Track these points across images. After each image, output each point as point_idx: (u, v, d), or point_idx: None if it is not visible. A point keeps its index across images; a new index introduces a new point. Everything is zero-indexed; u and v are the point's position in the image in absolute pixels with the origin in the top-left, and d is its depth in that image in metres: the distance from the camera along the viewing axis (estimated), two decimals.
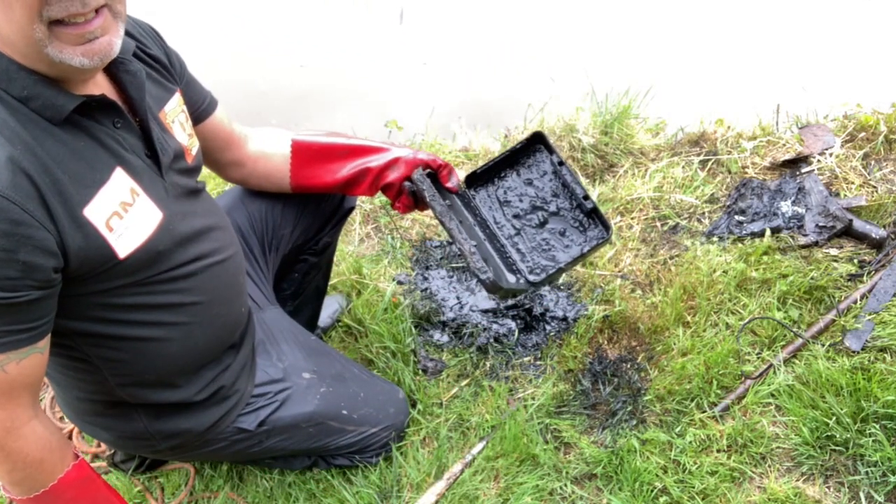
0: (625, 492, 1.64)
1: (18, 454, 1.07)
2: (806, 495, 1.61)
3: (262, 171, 1.54)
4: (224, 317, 1.36)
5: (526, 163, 1.62)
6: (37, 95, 0.97)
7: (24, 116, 0.97)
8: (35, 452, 1.09)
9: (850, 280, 2.02)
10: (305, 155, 1.53)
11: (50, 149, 0.98)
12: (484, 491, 1.67)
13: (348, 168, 1.52)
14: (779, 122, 2.55)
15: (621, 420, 1.80)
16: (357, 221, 2.40)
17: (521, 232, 1.61)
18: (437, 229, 2.36)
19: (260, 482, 1.73)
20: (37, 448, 1.09)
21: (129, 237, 1.08)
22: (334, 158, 1.53)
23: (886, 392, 1.68)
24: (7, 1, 0.88)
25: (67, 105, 0.99)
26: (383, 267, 2.24)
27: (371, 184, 1.53)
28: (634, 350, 1.98)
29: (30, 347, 1.02)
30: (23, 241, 0.93)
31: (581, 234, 1.59)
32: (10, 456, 1.06)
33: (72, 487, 1.16)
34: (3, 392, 1.02)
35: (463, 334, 2.05)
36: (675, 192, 2.34)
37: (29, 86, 0.96)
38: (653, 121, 2.62)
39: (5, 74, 0.95)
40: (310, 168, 1.54)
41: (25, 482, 1.11)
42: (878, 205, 2.18)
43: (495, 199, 1.62)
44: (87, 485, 1.20)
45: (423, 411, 1.83)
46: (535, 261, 1.59)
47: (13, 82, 0.95)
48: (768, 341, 1.90)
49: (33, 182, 0.94)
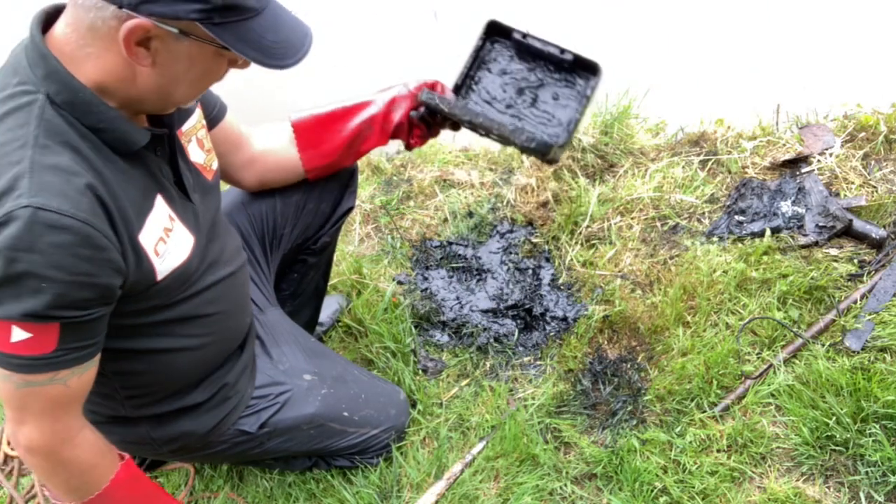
0: (625, 492, 1.64)
1: (75, 462, 1.11)
2: (806, 495, 1.61)
3: (272, 163, 1.53)
4: (235, 325, 1.38)
5: (492, 57, 1.59)
6: (113, 129, 1.01)
7: (93, 144, 1.00)
8: (89, 458, 1.13)
9: (850, 280, 2.02)
10: (308, 130, 1.53)
11: (115, 177, 1.02)
12: (484, 491, 1.67)
13: (353, 124, 1.52)
14: (779, 122, 2.55)
15: (621, 420, 1.80)
16: (357, 221, 2.40)
17: (520, 118, 1.58)
18: (437, 229, 2.36)
19: (260, 482, 1.73)
20: (90, 454, 1.13)
21: (168, 261, 1.13)
22: (336, 121, 1.53)
23: (886, 392, 1.68)
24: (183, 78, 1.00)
25: (141, 141, 1.05)
26: (383, 267, 2.24)
27: (381, 130, 1.53)
28: (634, 350, 1.98)
29: (89, 362, 1.05)
30: (103, 265, 0.98)
31: (572, 88, 1.56)
32: (68, 465, 1.10)
33: (122, 487, 1.19)
34: (62, 405, 1.06)
35: (463, 334, 2.05)
36: (675, 192, 2.34)
37: (107, 120, 1.00)
38: (653, 121, 2.62)
39: (85, 106, 0.98)
40: (316, 141, 1.53)
41: (82, 488, 1.14)
42: (878, 205, 2.17)
43: (483, 102, 1.60)
44: (135, 483, 1.24)
45: (423, 411, 1.83)
46: (547, 132, 1.56)
47: (89, 115, 0.99)
48: (768, 341, 1.90)
49: (107, 208, 0.98)
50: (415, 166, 2.59)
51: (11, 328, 0.94)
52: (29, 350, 0.96)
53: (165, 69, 0.98)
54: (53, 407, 1.04)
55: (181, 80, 1.01)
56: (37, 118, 0.95)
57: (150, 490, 1.28)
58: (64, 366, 1.01)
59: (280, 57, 0.99)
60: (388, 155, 2.70)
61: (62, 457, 1.09)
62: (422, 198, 2.46)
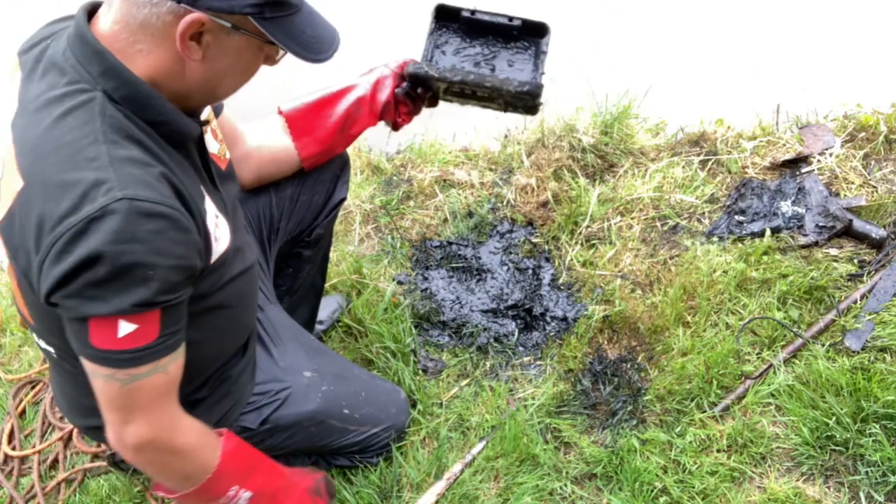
0: (625, 492, 1.64)
1: (186, 448, 1.12)
2: (806, 495, 1.61)
3: (269, 156, 1.54)
4: (248, 320, 1.40)
5: (444, 40, 1.63)
6: (170, 121, 1.05)
7: (151, 138, 1.03)
8: (197, 440, 1.14)
9: (850, 280, 2.02)
10: (300, 119, 1.55)
11: (176, 167, 1.05)
12: (484, 491, 1.67)
13: (342, 107, 1.55)
14: (779, 122, 2.55)
15: (621, 420, 1.80)
16: (357, 221, 2.40)
17: None
18: (437, 229, 2.36)
19: None
20: (197, 436, 1.14)
21: (218, 246, 1.16)
22: (325, 107, 1.56)
23: (886, 392, 1.68)
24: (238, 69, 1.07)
25: (195, 132, 1.10)
26: (383, 267, 2.24)
27: (369, 111, 1.56)
28: (634, 350, 1.98)
29: (181, 346, 1.08)
30: (191, 247, 1.02)
31: (525, 52, 1.62)
32: (179, 453, 1.11)
33: (231, 459, 1.20)
34: (165, 394, 1.07)
35: (463, 334, 2.06)
36: (675, 192, 2.34)
37: (165, 113, 1.03)
38: (653, 121, 2.62)
39: (144, 100, 1.01)
40: (310, 128, 1.56)
41: (197, 473, 1.15)
42: (878, 205, 2.18)
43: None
44: (241, 451, 1.25)
45: (423, 411, 1.83)
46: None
47: (148, 109, 1.02)
48: (768, 341, 1.90)
49: (181, 194, 1.02)
50: (415, 166, 2.59)
51: (118, 323, 0.96)
52: (134, 343, 0.98)
53: (214, 63, 1.03)
54: (158, 397, 1.05)
55: (227, 73, 1.06)
56: (99, 115, 0.97)
57: (254, 455, 1.29)
58: (165, 353, 1.03)
59: (317, 51, 1.07)
60: (388, 155, 2.70)
61: (174, 445, 1.09)
62: (422, 198, 2.46)
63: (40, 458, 1.84)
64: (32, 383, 2.03)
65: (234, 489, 1.21)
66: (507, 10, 1.61)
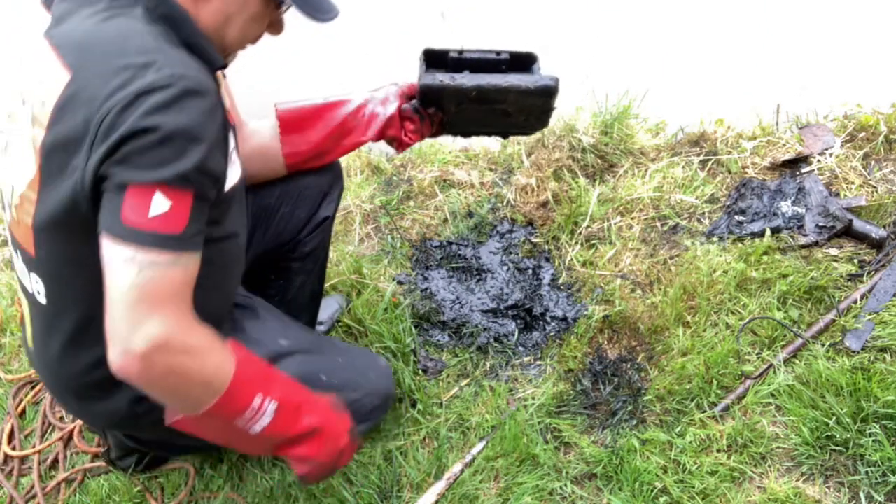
0: (625, 492, 1.64)
1: (200, 347, 1.06)
2: (806, 495, 1.61)
3: (256, 146, 1.51)
4: (230, 289, 1.36)
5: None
6: (201, 45, 1.10)
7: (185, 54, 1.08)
8: (209, 342, 1.08)
9: (850, 280, 2.02)
10: (292, 117, 1.53)
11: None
12: (484, 491, 1.67)
13: (339, 114, 1.53)
14: (779, 122, 2.55)
15: (621, 420, 1.80)
16: (357, 221, 2.40)
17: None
18: (437, 229, 2.36)
19: (260, 482, 1.73)
20: (209, 338, 1.09)
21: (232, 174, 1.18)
22: (322, 111, 1.54)
23: (886, 392, 1.68)
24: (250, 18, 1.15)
25: (219, 62, 1.14)
26: (383, 267, 2.24)
27: (368, 124, 1.53)
28: (634, 350, 1.98)
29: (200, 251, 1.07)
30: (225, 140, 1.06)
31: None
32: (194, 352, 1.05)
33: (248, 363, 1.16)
34: (180, 292, 1.03)
35: (463, 334, 2.06)
36: (675, 192, 2.34)
37: (196, 35, 1.10)
38: (653, 121, 2.62)
39: (180, 20, 1.08)
40: (299, 127, 1.53)
41: (216, 377, 1.08)
42: (878, 205, 2.18)
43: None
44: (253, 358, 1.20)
45: (423, 411, 1.83)
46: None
47: (183, 28, 1.08)
48: (768, 341, 1.90)
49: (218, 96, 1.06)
50: (415, 166, 2.59)
51: (154, 195, 0.97)
52: (163, 226, 0.98)
53: (224, 5, 1.10)
54: (174, 294, 1.02)
55: (235, 19, 1.13)
56: (144, 22, 1.05)
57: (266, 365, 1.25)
58: (187, 247, 1.02)
59: (325, 10, 1.16)
60: (388, 155, 2.70)
61: (188, 344, 1.03)
62: (422, 198, 2.46)
63: (40, 458, 1.84)
64: (32, 383, 2.03)
65: (259, 398, 1.15)
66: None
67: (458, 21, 3.25)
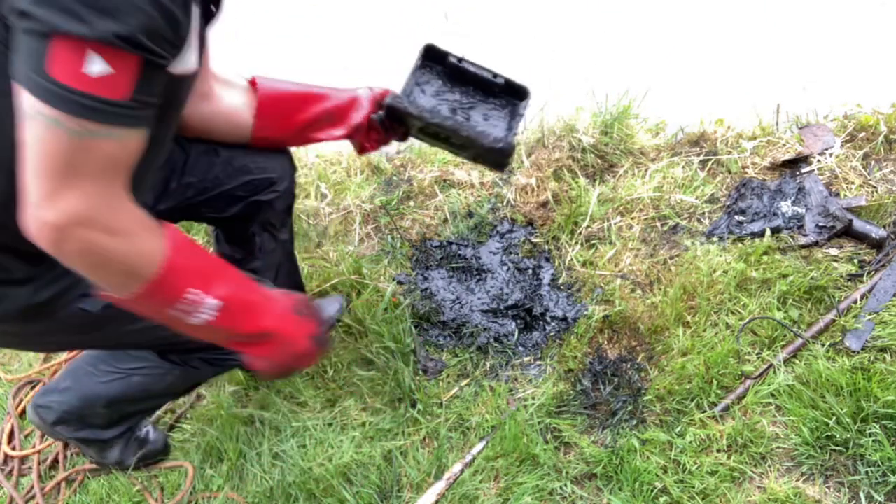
0: (625, 492, 1.64)
1: (125, 229, 0.97)
2: (806, 495, 1.61)
3: (224, 110, 1.44)
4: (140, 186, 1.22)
5: (426, 80, 1.65)
6: None
7: None
8: (139, 224, 1.00)
9: (850, 280, 2.02)
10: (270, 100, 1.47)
11: None
12: (484, 491, 1.67)
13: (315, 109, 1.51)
14: (779, 122, 2.55)
15: (621, 420, 1.80)
16: (357, 221, 2.40)
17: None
18: (437, 229, 2.36)
19: (260, 482, 1.73)
20: (139, 220, 1.00)
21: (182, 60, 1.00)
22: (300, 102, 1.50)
23: (886, 392, 1.68)
24: None
25: None
26: (383, 267, 2.24)
27: (338, 124, 1.53)
28: (634, 350, 1.98)
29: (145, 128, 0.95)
30: (183, 7, 0.89)
31: (502, 111, 1.64)
32: (119, 233, 0.96)
33: (182, 252, 1.06)
34: (115, 168, 0.93)
35: (463, 334, 2.06)
36: (675, 192, 2.34)
37: None
38: (653, 121, 2.61)
39: None
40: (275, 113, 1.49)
41: (142, 264, 1.00)
42: (878, 205, 2.18)
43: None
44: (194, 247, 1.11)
45: (423, 411, 1.83)
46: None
47: None
48: (768, 341, 1.90)
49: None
50: (415, 166, 2.59)
51: (88, 55, 0.82)
52: (103, 89, 0.85)
53: None
54: (106, 169, 0.91)
55: None
56: None
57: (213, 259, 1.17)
58: (130, 122, 0.90)
59: None
60: (388, 155, 2.70)
61: (111, 225, 0.94)
62: (422, 198, 2.46)
63: (40, 458, 1.85)
64: (32, 383, 2.03)
65: (194, 292, 1.06)
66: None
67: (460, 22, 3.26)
